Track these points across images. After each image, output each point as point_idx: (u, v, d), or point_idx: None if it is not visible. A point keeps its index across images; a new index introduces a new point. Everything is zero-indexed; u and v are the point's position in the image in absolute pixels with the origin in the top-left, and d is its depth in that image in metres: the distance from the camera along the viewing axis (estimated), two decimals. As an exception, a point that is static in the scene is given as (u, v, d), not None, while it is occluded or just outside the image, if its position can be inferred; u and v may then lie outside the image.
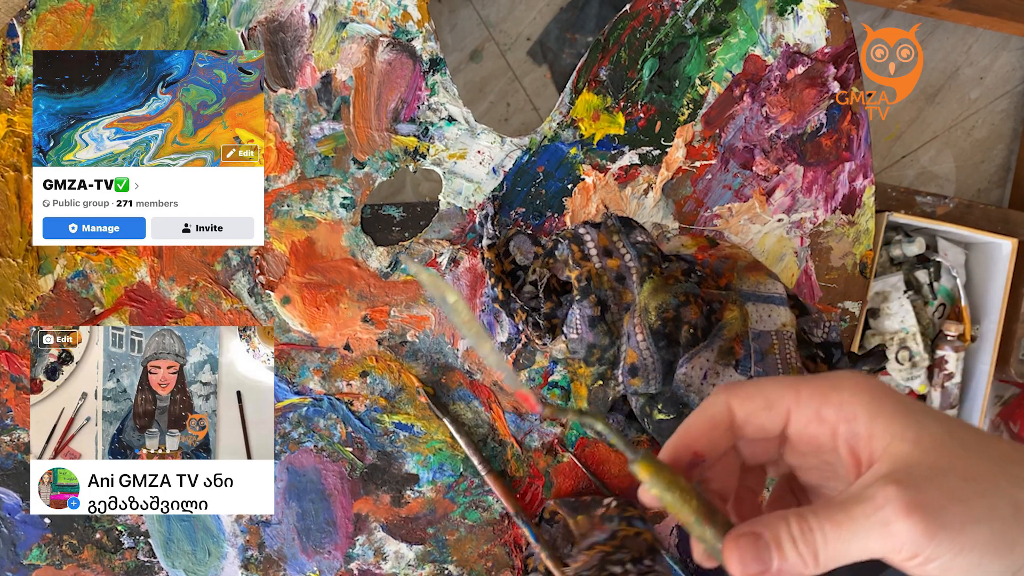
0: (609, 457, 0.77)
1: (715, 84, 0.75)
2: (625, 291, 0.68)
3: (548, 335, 0.70)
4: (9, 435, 0.72)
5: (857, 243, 0.77)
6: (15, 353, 0.72)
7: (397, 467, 0.75)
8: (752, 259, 0.72)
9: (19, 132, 0.70)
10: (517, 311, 0.71)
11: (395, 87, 0.73)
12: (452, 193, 0.75)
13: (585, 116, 0.75)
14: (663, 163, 0.75)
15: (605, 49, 0.74)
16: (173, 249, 0.72)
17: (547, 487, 0.76)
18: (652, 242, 0.70)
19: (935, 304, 1.23)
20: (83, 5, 0.70)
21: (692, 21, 0.74)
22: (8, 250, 0.71)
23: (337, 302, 0.74)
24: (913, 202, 1.22)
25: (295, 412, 0.74)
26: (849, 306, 0.77)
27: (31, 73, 0.70)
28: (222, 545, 0.75)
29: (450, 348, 0.75)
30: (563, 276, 0.70)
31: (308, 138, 0.73)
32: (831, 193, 0.76)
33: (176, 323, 0.73)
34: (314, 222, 0.73)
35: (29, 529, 0.73)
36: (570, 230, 0.70)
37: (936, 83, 1.35)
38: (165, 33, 0.71)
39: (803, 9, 0.74)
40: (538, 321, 0.70)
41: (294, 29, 0.72)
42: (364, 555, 0.76)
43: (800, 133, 0.76)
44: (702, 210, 0.76)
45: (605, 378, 0.68)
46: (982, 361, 1.20)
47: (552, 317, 0.70)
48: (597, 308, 0.67)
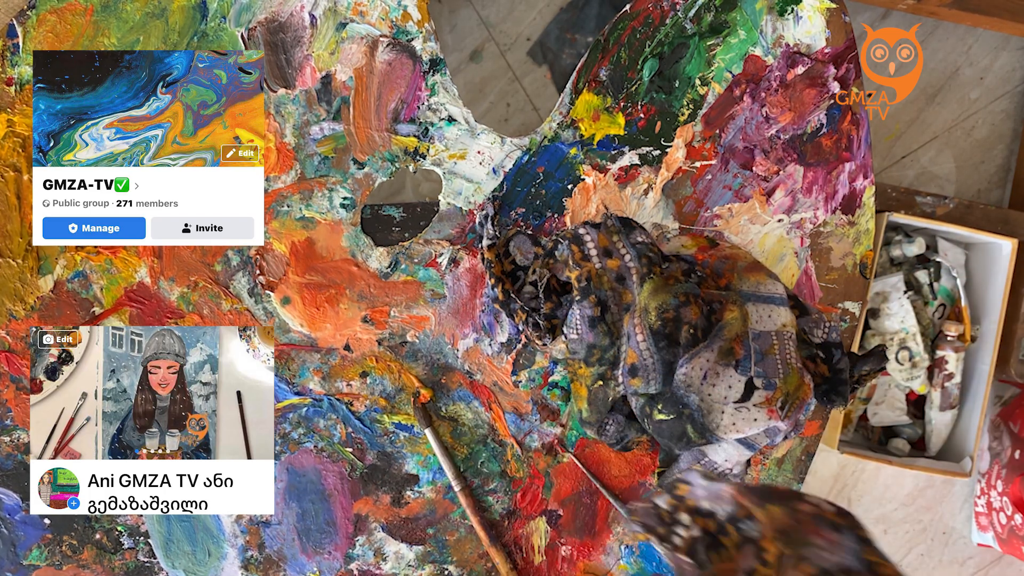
0: (609, 458, 0.76)
1: (715, 84, 0.75)
2: (625, 291, 0.68)
3: (548, 335, 0.70)
4: (9, 435, 0.72)
5: (857, 243, 0.77)
6: (15, 353, 0.72)
7: (397, 467, 0.75)
8: (752, 259, 0.72)
9: (19, 132, 0.70)
10: (517, 311, 0.71)
11: (395, 87, 0.73)
12: (452, 193, 0.75)
13: (585, 116, 0.75)
14: (663, 163, 0.75)
15: (605, 49, 0.74)
16: (173, 249, 0.72)
17: (547, 487, 0.76)
18: (652, 242, 0.70)
19: (935, 304, 1.23)
20: (83, 5, 0.70)
21: (692, 21, 0.74)
22: (8, 250, 0.71)
23: (337, 302, 0.74)
24: (913, 202, 1.22)
25: (295, 412, 0.74)
26: (849, 306, 0.77)
27: (31, 73, 0.69)
28: (222, 545, 0.75)
29: (450, 349, 0.75)
30: (563, 276, 0.70)
31: (308, 138, 0.73)
32: (831, 193, 0.76)
33: (176, 323, 0.73)
34: (314, 222, 0.73)
35: (29, 530, 0.73)
36: (570, 230, 0.70)
37: (936, 83, 1.35)
38: (165, 33, 0.71)
39: (803, 9, 0.74)
40: (538, 321, 0.70)
41: (294, 29, 0.72)
42: (364, 555, 0.76)
43: (800, 133, 0.76)
44: (702, 210, 0.76)
45: (605, 378, 0.68)
46: (982, 361, 1.19)
47: (552, 317, 0.70)
48: (597, 308, 0.67)
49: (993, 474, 1.31)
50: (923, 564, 1.40)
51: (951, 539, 1.40)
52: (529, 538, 0.76)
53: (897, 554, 1.39)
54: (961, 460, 1.19)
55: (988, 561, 1.40)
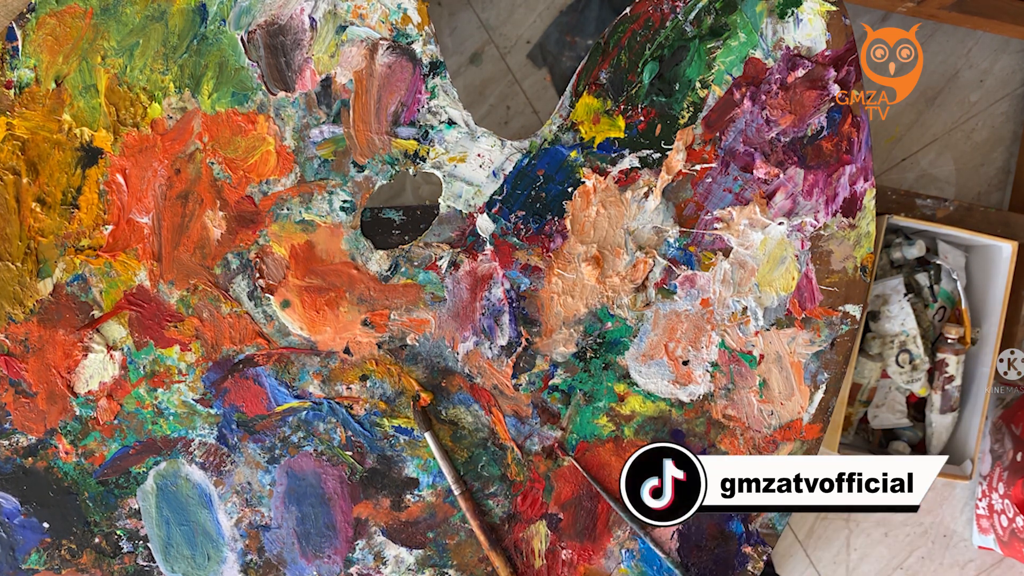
0: (609, 461, 0.76)
1: (715, 87, 0.75)
2: None
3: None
4: (8, 439, 0.72)
5: (858, 246, 0.77)
6: (14, 357, 0.72)
7: (397, 471, 0.75)
8: None
9: (18, 135, 0.70)
10: None
11: (395, 90, 0.73)
12: (452, 196, 0.74)
13: (585, 119, 0.75)
14: (663, 166, 0.75)
15: (605, 52, 0.74)
16: (172, 253, 0.72)
17: (547, 491, 0.76)
18: None
19: (935, 307, 1.23)
20: (83, 8, 0.70)
21: (692, 24, 0.74)
22: (7, 254, 0.71)
23: (337, 306, 0.74)
24: (913, 205, 1.22)
25: (295, 416, 0.74)
26: (850, 309, 0.77)
27: (31, 76, 0.69)
28: (221, 549, 0.75)
29: (450, 352, 0.75)
30: None
31: (308, 141, 0.73)
32: (832, 196, 0.76)
33: (176, 326, 0.72)
34: (314, 225, 0.73)
35: (28, 533, 0.73)
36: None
37: (936, 86, 1.35)
38: (164, 36, 0.71)
39: (803, 12, 0.74)
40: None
41: (294, 32, 0.72)
42: (364, 559, 0.75)
43: (800, 136, 0.76)
44: (702, 213, 0.76)
45: None
46: (983, 364, 1.19)
47: None
48: None
49: (994, 476, 1.31)
50: (924, 567, 1.39)
51: (952, 542, 1.40)
52: (529, 542, 0.76)
53: (898, 557, 1.39)
54: (962, 463, 1.19)
55: (989, 564, 1.40)
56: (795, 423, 0.77)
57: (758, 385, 0.77)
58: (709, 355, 0.76)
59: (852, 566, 1.38)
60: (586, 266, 0.75)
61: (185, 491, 0.74)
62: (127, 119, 0.71)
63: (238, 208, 0.73)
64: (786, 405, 0.77)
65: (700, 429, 0.77)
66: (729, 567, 0.78)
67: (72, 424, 0.73)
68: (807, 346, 0.77)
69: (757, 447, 0.77)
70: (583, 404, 0.76)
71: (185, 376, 0.73)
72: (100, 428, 0.73)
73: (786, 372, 0.77)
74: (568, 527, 0.76)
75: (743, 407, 0.77)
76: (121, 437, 0.74)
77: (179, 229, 0.72)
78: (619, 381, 0.76)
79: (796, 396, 0.77)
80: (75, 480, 0.73)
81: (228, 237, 0.73)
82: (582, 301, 0.75)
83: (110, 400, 0.73)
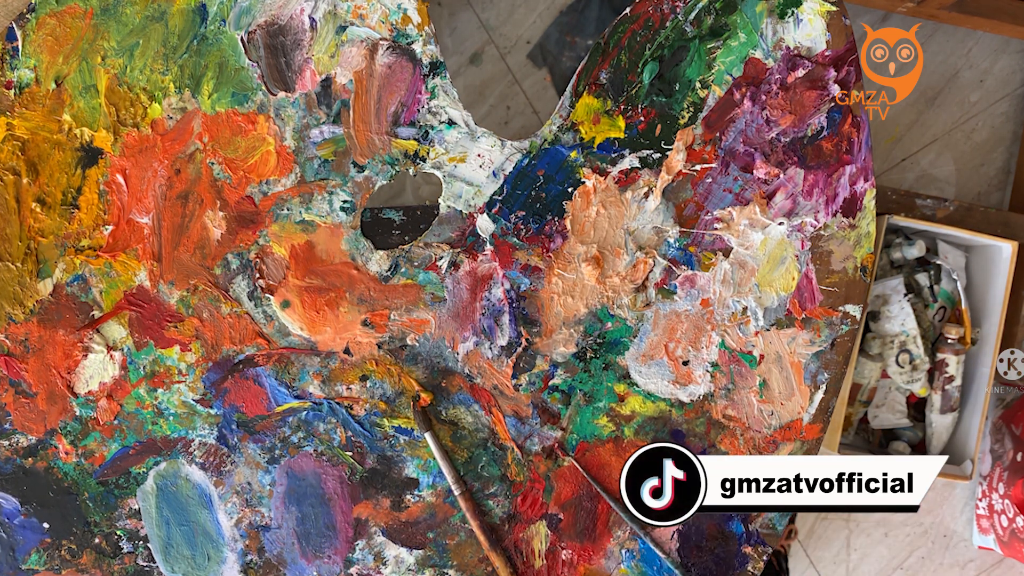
0: (609, 461, 0.76)
1: (715, 87, 0.75)
2: None
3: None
4: (8, 439, 0.72)
5: (858, 246, 0.77)
6: (14, 357, 0.72)
7: (397, 471, 0.75)
8: None
9: (18, 136, 0.70)
10: None
11: (395, 90, 0.73)
12: (452, 196, 0.74)
13: (585, 119, 0.75)
14: (663, 166, 0.75)
15: (605, 52, 0.74)
16: (172, 253, 0.72)
17: (547, 491, 0.76)
18: None
19: (935, 307, 1.23)
20: (82, 8, 0.70)
21: (692, 24, 0.74)
22: (7, 254, 0.71)
23: (337, 306, 0.74)
24: (913, 205, 1.22)
25: (295, 416, 0.74)
26: (850, 309, 0.77)
27: (31, 76, 0.69)
28: (221, 550, 0.75)
29: (450, 352, 0.75)
30: None
31: (308, 141, 0.73)
32: (832, 196, 0.76)
33: (176, 327, 0.72)
34: (314, 226, 0.73)
35: (28, 534, 0.73)
36: None
37: (936, 86, 1.35)
38: (164, 37, 0.71)
39: (803, 12, 0.74)
40: None
41: (294, 33, 0.72)
42: (364, 559, 0.75)
43: (801, 136, 0.76)
44: (702, 213, 0.76)
45: None
46: (983, 364, 1.19)
47: None
48: None
49: (995, 477, 1.31)
50: (924, 567, 1.39)
51: (952, 542, 1.40)
52: (529, 542, 0.76)
53: (898, 557, 1.39)
54: (962, 463, 1.19)
55: (989, 564, 1.40)
56: (795, 423, 0.77)
57: (758, 385, 0.77)
58: (709, 355, 0.76)
59: (852, 566, 1.38)
60: (586, 266, 0.75)
61: (185, 491, 0.74)
62: (127, 119, 0.71)
63: (238, 208, 0.73)
64: (786, 405, 0.77)
65: (700, 429, 0.77)
66: (729, 567, 0.78)
67: (72, 424, 0.73)
68: (807, 346, 0.77)
69: (757, 447, 0.77)
70: (583, 404, 0.76)
71: (185, 376, 0.73)
72: (100, 428, 0.73)
73: (786, 372, 0.77)
74: (568, 527, 0.76)
75: (743, 407, 0.77)
76: (121, 437, 0.74)
77: (179, 229, 0.72)
78: (619, 381, 0.76)
79: (796, 396, 0.77)
80: (75, 480, 0.73)
81: (228, 237, 0.73)
82: (582, 301, 0.75)
83: (110, 400, 0.73)
